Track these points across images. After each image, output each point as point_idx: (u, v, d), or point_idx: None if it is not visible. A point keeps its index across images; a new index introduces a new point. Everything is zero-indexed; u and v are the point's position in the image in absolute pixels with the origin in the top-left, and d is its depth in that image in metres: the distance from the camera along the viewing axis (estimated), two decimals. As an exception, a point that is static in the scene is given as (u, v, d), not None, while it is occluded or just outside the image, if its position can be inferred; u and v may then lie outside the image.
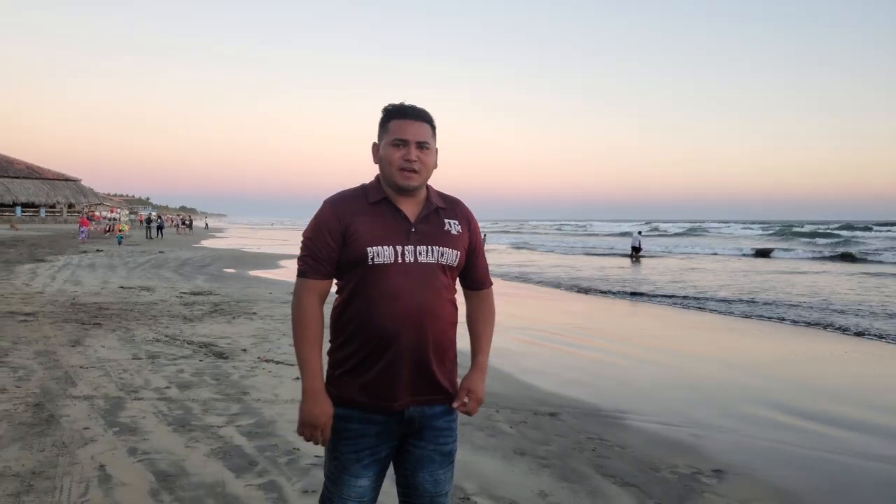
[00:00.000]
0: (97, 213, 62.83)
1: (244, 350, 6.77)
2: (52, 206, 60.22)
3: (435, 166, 1.92)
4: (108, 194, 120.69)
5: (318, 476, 3.48)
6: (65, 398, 4.82)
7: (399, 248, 1.81)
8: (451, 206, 1.97)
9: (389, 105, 1.90)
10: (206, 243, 35.55)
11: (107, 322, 8.36)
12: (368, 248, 1.79)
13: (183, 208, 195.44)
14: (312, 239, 1.86)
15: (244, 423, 4.36)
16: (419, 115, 1.88)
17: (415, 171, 1.83)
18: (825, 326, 9.60)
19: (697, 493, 3.39)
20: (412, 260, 1.82)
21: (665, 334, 9.23)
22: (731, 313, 11.11)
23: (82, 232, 32.26)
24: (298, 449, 3.88)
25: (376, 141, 1.92)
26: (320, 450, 3.90)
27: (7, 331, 7.53)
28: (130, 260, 20.41)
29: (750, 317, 10.75)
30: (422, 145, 1.85)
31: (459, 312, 1.94)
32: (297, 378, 5.61)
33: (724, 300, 12.83)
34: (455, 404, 1.90)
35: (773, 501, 3.35)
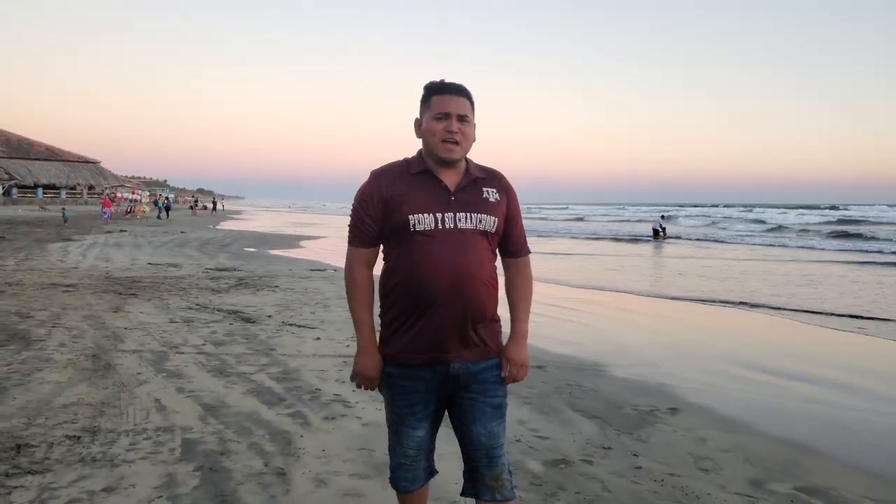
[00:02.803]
0: (119, 195, 64.10)
1: (269, 316, 7.49)
2: (73, 188, 61.57)
3: (474, 139, 2.03)
4: (127, 176, 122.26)
5: (337, 408, 4.18)
6: (116, 352, 5.57)
7: (439, 216, 1.94)
8: (491, 176, 2.08)
9: (430, 82, 2.03)
10: (224, 225, 36.46)
11: (142, 293, 9.13)
12: (410, 216, 1.93)
13: (200, 191, 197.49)
14: (357, 210, 2.02)
15: (273, 371, 5.07)
16: (459, 91, 1.99)
17: (456, 143, 1.96)
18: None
19: (650, 424, 4.06)
20: (452, 226, 1.94)
21: (659, 307, 9.84)
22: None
23: (105, 213, 33.32)
24: (320, 389, 4.58)
25: (418, 117, 2.05)
26: (339, 387, 4.62)
27: (54, 299, 8.32)
28: (154, 240, 21.28)
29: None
30: (462, 118, 1.97)
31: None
32: (318, 338, 6.32)
33: None
34: (502, 374, 2.04)
35: (715, 429, 4.01)
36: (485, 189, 2.03)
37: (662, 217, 31.77)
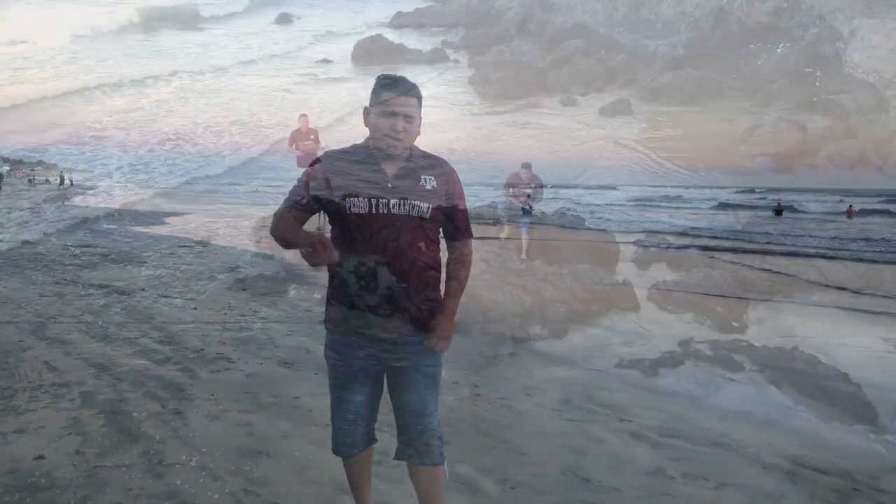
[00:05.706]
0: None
1: (143, 289, 7.66)
2: None
3: (417, 133, 2.21)
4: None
5: (221, 363, 4.69)
6: (-12, 324, 5.64)
7: (374, 200, 2.14)
8: (431, 165, 2.25)
9: (384, 77, 2.21)
10: (76, 200, 33.96)
11: (-2, 269, 8.85)
12: (347, 199, 2.14)
13: (41, 163, 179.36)
14: (298, 187, 2.22)
15: (156, 336, 5.44)
16: (408, 91, 2.17)
17: (399, 141, 2.16)
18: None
19: (492, 365, 4.99)
20: (385, 211, 2.14)
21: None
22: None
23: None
24: (203, 350, 5.04)
25: (367, 106, 2.21)
26: (221, 348, 5.11)
27: None
28: (-4, 215, 19.73)
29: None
30: (408, 119, 2.16)
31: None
32: (195, 308, 6.68)
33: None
34: (426, 342, 2.23)
35: (542, 366, 5.00)
36: (423, 177, 2.21)
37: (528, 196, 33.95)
